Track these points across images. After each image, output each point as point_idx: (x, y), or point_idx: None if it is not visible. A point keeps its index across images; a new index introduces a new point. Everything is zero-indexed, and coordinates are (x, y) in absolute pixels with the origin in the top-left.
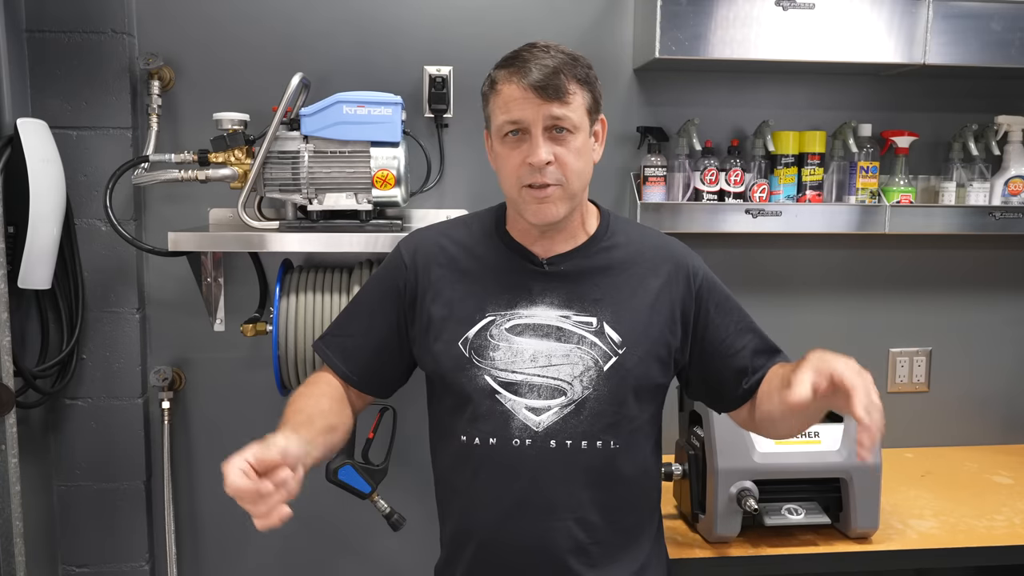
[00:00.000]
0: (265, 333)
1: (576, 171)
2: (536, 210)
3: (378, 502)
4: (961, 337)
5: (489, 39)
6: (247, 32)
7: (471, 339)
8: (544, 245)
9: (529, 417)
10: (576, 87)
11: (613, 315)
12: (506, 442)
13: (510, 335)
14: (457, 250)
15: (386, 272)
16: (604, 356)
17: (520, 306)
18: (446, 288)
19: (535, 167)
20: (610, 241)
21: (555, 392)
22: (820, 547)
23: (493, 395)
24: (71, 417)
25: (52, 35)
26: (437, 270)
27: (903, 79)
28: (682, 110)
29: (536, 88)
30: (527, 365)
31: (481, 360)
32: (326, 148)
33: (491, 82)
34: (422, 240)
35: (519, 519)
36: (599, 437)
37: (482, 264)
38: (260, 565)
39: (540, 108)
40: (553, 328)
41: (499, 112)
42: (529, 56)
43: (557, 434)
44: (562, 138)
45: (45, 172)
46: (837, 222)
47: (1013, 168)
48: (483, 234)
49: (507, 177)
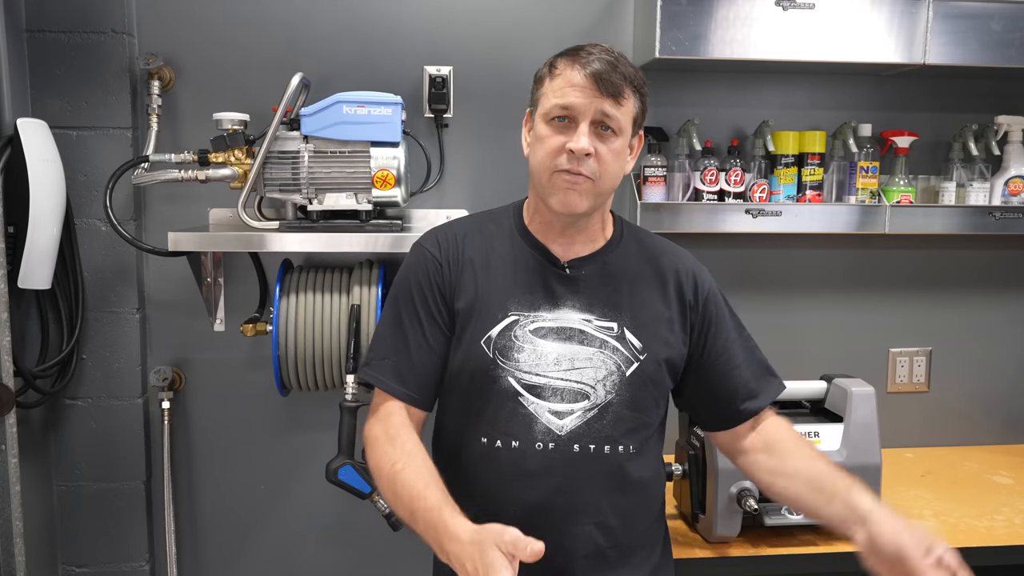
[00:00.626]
0: (265, 333)
1: (612, 172)
2: (563, 197)
3: (378, 502)
4: (961, 337)
5: (489, 39)
6: (247, 32)
7: (494, 338)
8: (563, 245)
9: (552, 421)
10: (631, 92)
11: (633, 320)
12: (529, 445)
13: (534, 337)
14: (476, 245)
15: (416, 273)
16: (626, 361)
17: (543, 308)
18: (469, 284)
19: (576, 154)
20: (625, 248)
21: (578, 396)
22: (820, 547)
23: (516, 397)
24: (71, 417)
25: (52, 35)
26: (459, 265)
27: (903, 79)
28: (682, 110)
29: (596, 79)
30: (551, 368)
31: (506, 361)
32: (326, 148)
33: (550, 66)
34: (443, 235)
35: (540, 524)
36: (620, 442)
37: (502, 261)
38: (260, 565)
39: (595, 100)
40: (576, 331)
41: (552, 95)
42: (594, 50)
43: (580, 438)
44: (606, 136)
45: (45, 172)
46: (837, 222)
47: (1013, 168)
48: (501, 231)
49: (542, 159)
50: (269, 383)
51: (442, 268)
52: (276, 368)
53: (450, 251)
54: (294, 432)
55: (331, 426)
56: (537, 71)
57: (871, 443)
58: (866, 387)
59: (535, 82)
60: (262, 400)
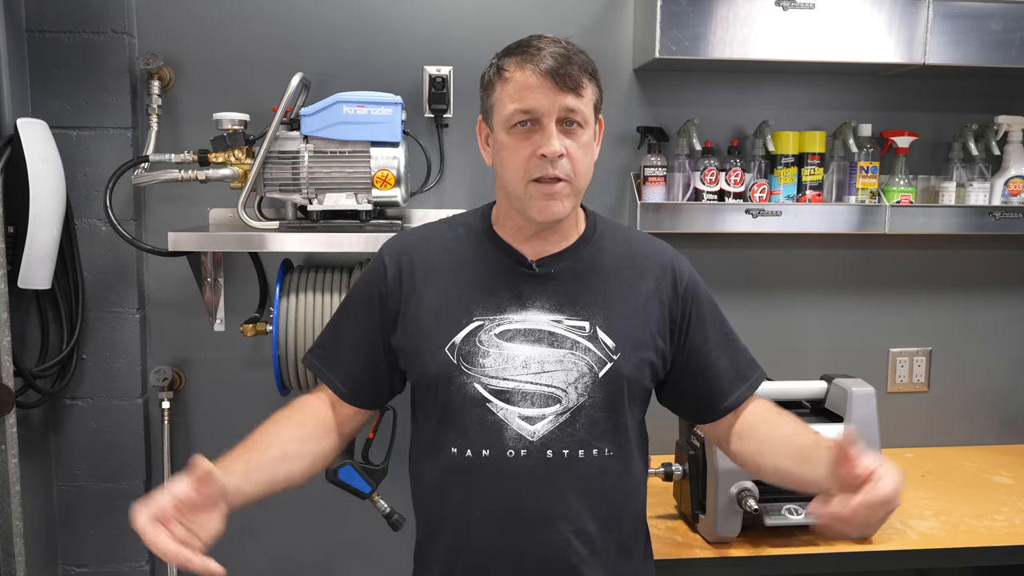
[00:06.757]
0: (265, 333)
1: (584, 167)
2: (543, 207)
3: (378, 502)
4: (961, 337)
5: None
6: (247, 32)
7: (458, 345)
8: (535, 245)
9: (523, 427)
10: (587, 80)
11: (606, 319)
12: (500, 453)
13: (500, 341)
14: (441, 252)
15: (367, 280)
16: (599, 362)
17: (510, 310)
18: (430, 292)
19: (548, 159)
20: (598, 243)
21: (550, 400)
22: (820, 547)
23: (484, 404)
24: (71, 417)
25: (52, 35)
26: (421, 273)
27: (903, 79)
28: (682, 110)
29: (552, 75)
30: (519, 372)
31: (470, 367)
32: (326, 148)
33: (497, 69)
34: (406, 243)
35: (517, 533)
36: (594, 445)
37: (468, 266)
38: (260, 565)
39: (556, 98)
40: (545, 333)
41: (508, 100)
42: (540, 44)
43: (553, 443)
44: (573, 132)
45: (45, 172)
46: (837, 222)
47: (1013, 168)
48: (469, 235)
49: (513, 171)
50: (269, 383)
51: (391, 282)
52: (276, 368)
53: (405, 261)
54: None
55: None
56: (483, 74)
57: (871, 443)
58: (866, 387)
59: (483, 88)
60: (262, 400)
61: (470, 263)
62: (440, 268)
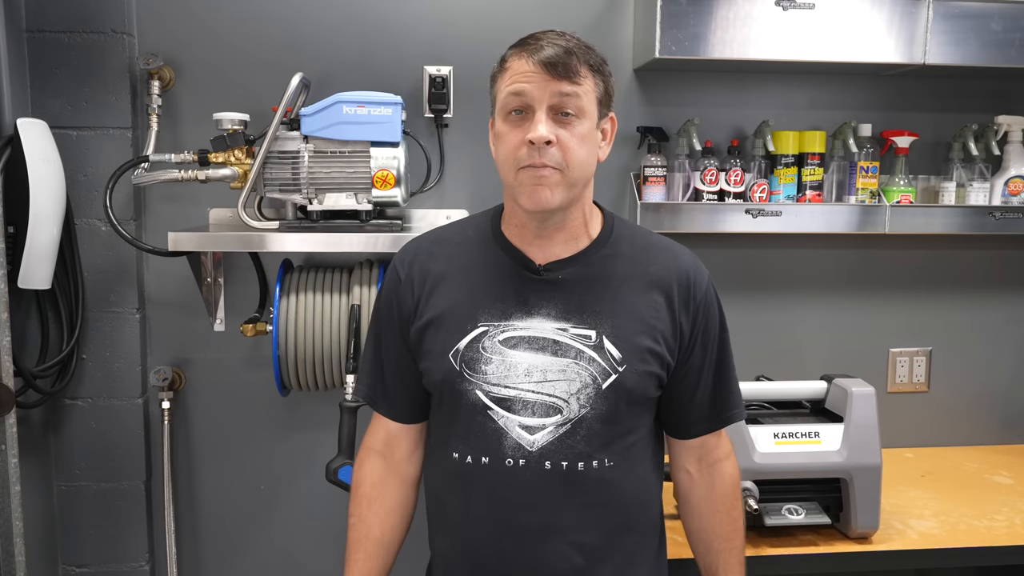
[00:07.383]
0: (265, 333)
1: (578, 158)
2: (531, 192)
3: None
4: (961, 337)
5: (489, 39)
6: (247, 32)
7: (462, 351)
8: (541, 247)
9: (523, 436)
10: (588, 72)
11: (613, 329)
12: (499, 462)
13: (504, 348)
14: (451, 255)
15: (385, 294)
16: (603, 373)
17: (515, 317)
18: (438, 296)
19: (535, 144)
20: (612, 248)
21: (550, 410)
22: (820, 547)
23: (485, 411)
24: (71, 417)
25: (52, 35)
26: (431, 279)
27: (903, 79)
28: (682, 110)
29: (546, 64)
30: (521, 380)
31: (472, 374)
32: (326, 148)
33: (501, 60)
34: (417, 249)
35: (514, 543)
36: (595, 457)
37: (475, 270)
38: (260, 565)
39: (547, 85)
40: (549, 341)
41: (504, 88)
42: (543, 36)
43: (552, 454)
44: (567, 121)
45: (45, 172)
46: (837, 222)
47: (1013, 168)
48: (477, 237)
49: (505, 158)
50: (269, 383)
51: (404, 291)
52: (276, 368)
53: (416, 266)
54: (294, 432)
55: (331, 426)
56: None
57: (871, 443)
58: (866, 387)
59: (491, 82)
60: (262, 400)
61: (478, 267)
62: (449, 272)
